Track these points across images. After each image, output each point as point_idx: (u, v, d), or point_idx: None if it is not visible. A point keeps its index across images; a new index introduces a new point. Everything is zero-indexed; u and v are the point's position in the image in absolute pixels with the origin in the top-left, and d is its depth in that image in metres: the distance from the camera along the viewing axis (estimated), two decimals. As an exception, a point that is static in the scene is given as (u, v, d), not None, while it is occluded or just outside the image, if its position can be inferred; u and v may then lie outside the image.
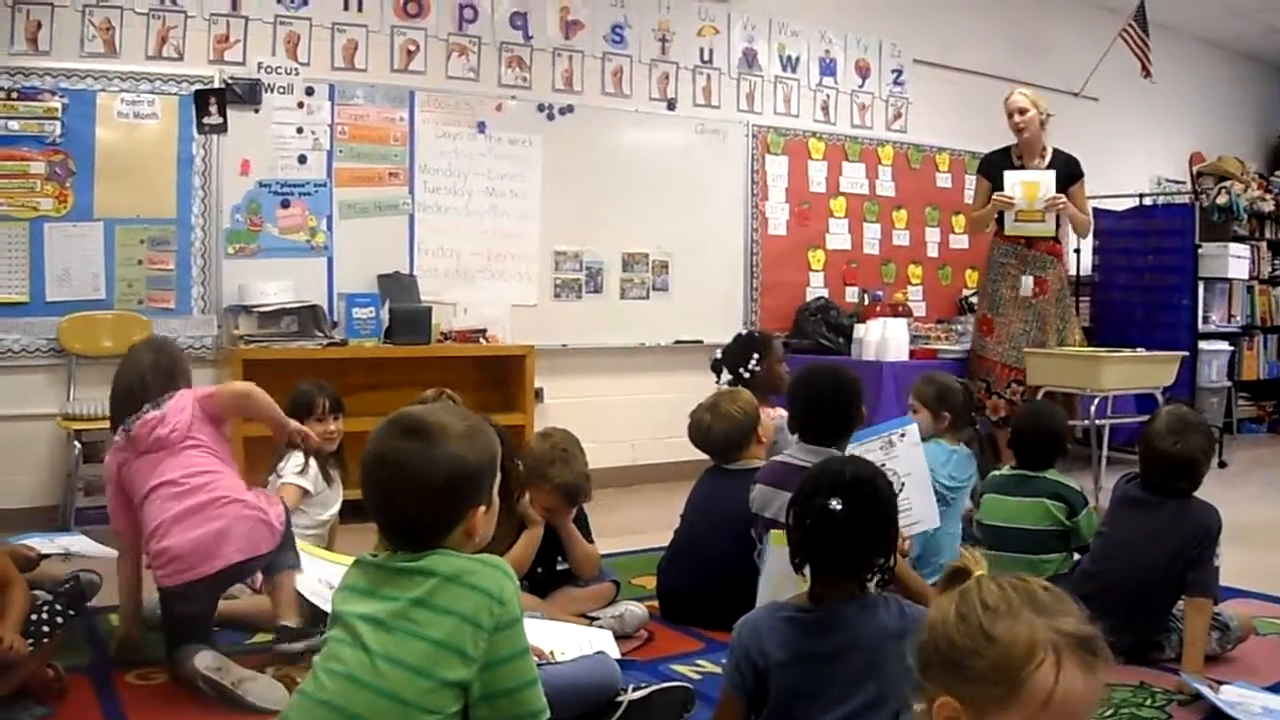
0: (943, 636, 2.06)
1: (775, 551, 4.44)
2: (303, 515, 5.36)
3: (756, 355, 7.12)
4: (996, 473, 5.77)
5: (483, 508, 2.68)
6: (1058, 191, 8.44)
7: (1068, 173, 8.56)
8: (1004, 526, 5.42)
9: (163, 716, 4.06)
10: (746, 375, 7.15)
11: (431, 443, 2.63)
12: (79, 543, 5.43)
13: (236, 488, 4.51)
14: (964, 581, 2.17)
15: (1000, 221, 8.62)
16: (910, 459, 4.93)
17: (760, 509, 4.91)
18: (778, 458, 5.12)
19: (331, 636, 2.62)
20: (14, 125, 6.98)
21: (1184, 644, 4.52)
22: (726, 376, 7.37)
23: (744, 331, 8.22)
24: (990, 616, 2.02)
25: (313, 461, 5.43)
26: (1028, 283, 8.54)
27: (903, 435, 4.97)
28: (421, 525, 2.63)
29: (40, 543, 5.10)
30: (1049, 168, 8.54)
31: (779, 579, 3.75)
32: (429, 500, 2.61)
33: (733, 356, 7.43)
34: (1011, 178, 8.48)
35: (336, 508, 5.67)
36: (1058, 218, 8.51)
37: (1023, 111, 8.50)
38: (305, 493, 5.41)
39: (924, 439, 5.46)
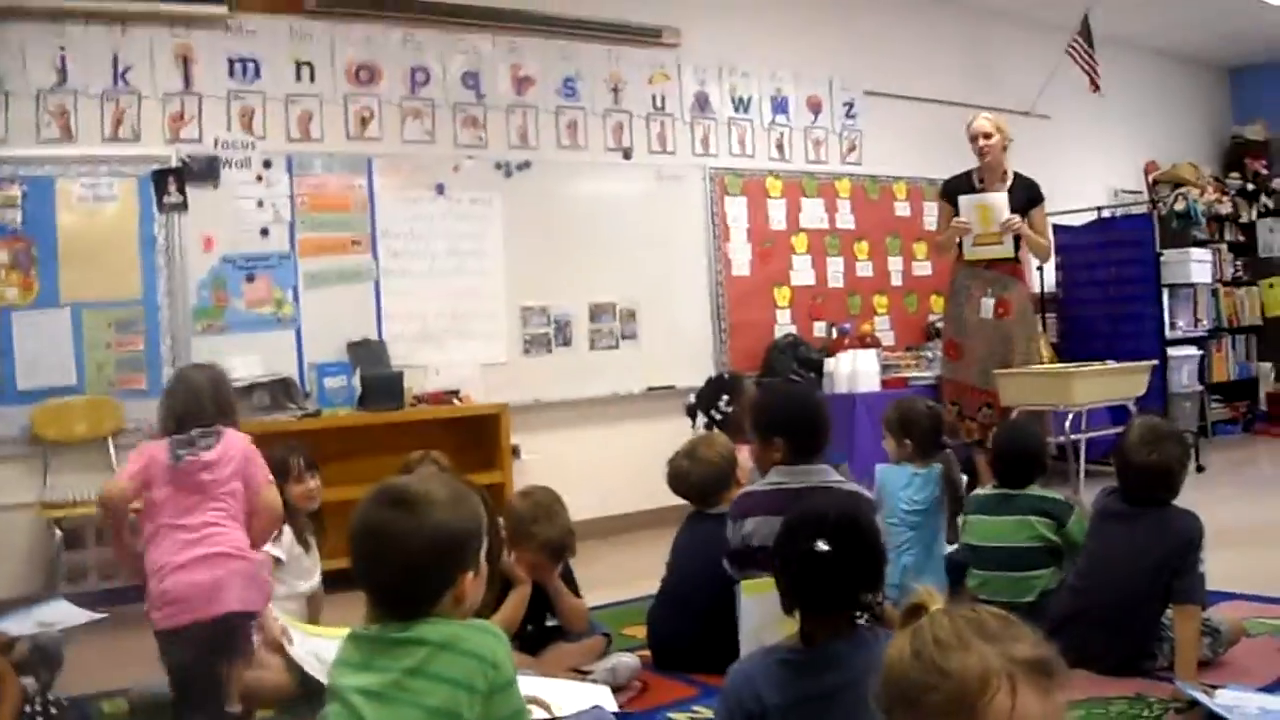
0: (900, 674, 2.08)
1: (749, 602, 4.47)
2: (279, 585, 5.34)
3: (727, 396, 7.16)
4: (979, 493, 5.79)
5: (470, 574, 2.69)
6: (1019, 215, 8.48)
7: (1028, 196, 8.59)
8: (990, 546, 5.43)
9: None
10: (718, 417, 7.19)
11: (416, 512, 2.64)
12: (57, 610, 5.38)
13: (242, 543, 4.68)
14: (920, 617, 2.19)
15: (962, 246, 8.66)
16: None
17: (757, 541, 4.89)
18: (759, 485, 5.10)
19: (329, 712, 2.63)
20: (-26, 215, 6.99)
21: (1175, 652, 4.55)
22: (702, 420, 7.40)
23: (714, 374, 8.27)
24: (942, 651, 2.04)
25: (286, 528, 5.37)
26: (988, 305, 8.56)
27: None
28: (410, 594, 2.64)
29: (15, 621, 5.04)
30: (1009, 191, 8.59)
31: (758, 628, 3.76)
32: (416, 570, 2.62)
33: (705, 399, 7.48)
34: (966, 202, 8.51)
35: (316, 579, 5.61)
36: (1016, 239, 8.54)
37: (987, 136, 8.52)
38: (278, 561, 5.33)
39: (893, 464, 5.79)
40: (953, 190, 8.71)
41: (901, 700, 2.07)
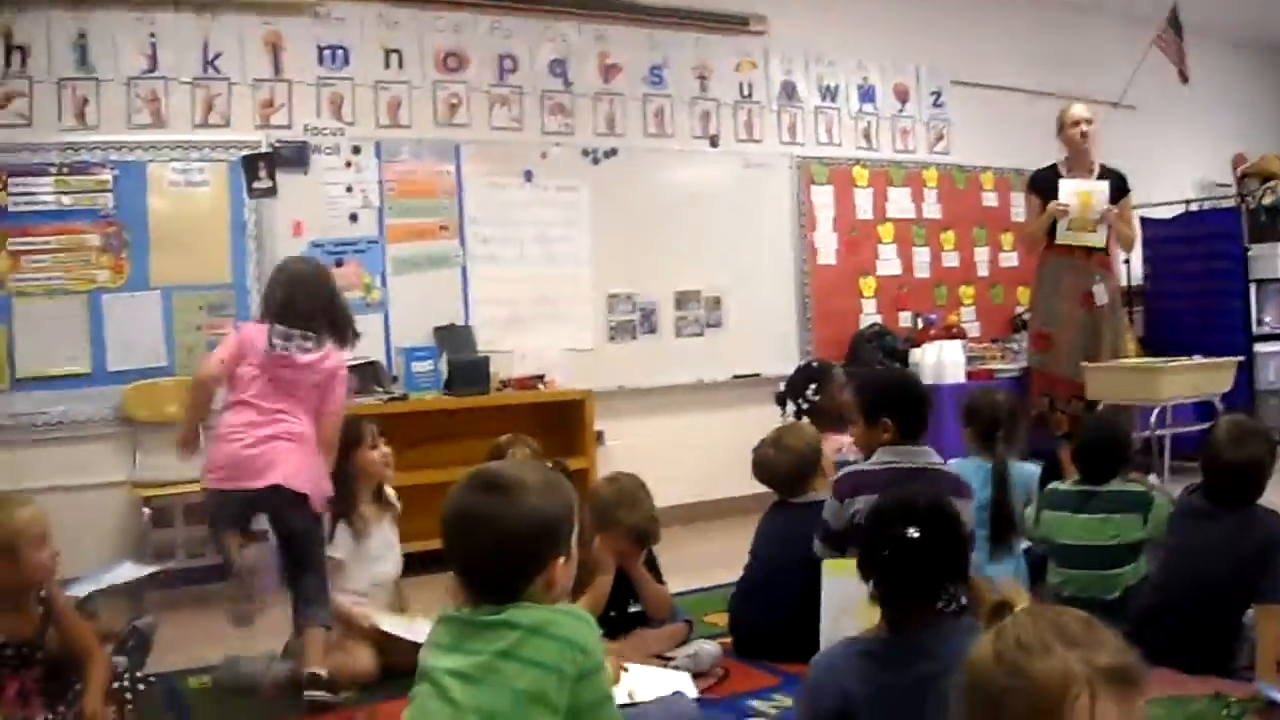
0: (981, 676, 2.08)
1: (833, 581, 4.48)
2: (354, 579, 5.41)
3: (815, 385, 7.15)
4: (1059, 487, 5.68)
5: (562, 558, 2.71)
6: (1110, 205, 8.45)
7: (1117, 186, 8.55)
8: (1072, 544, 5.38)
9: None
10: (806, 405, 7.18)
11: (511, 497, 2.67)
12: (125, 570, 5.50)
13: (306, 434, 5.17)
14: (1005, 615, 2.20)
15: (1052, 234, 8.60)
16: None
17: (861, 519, 4.88)
18: (868, 464, 5.10)
19: (419, 692, 2.66)
20: (67, 200, 7.08)
21: (1256, 652, 4.52)
22: (791, 408, 7.40)
23: (804, 362, 8.26)
24: (1025, 654, 2.04)
25: (342, 528, 5.43)
26: (1101, 291, 8.50)
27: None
28: (503, 577, 2.66)
29: (87, 585, 5.13)
30: (1099, 176, 8.55)
31: (840, 610, 3.76)
32: (510, 553, 2.65)
33: (794, 387, 7.47)
34: (1067, 186, 8.46)
35: (394, 566, 5.64)
36: (1107, 230, 8.49)
37: (1089, 121, 8.53)
38: (339, 563, 5.37)
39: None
40: (1040, 182, 8.66)
41: (983, 701, 2.08)
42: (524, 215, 8.43)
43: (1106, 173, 8.57)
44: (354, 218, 7.83)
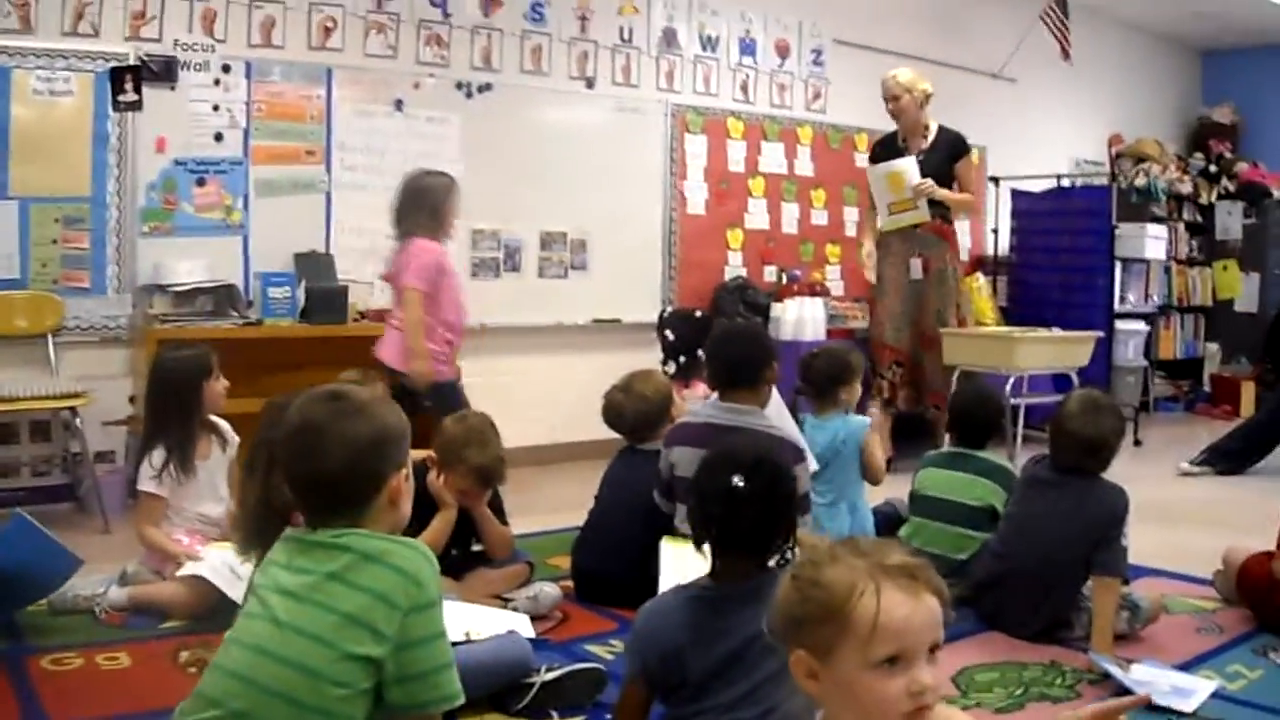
0: (783, 601, 2.22)
1: (671, 555, 4.51)
2: (177, 515, 5.31)
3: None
4: (934, 453, 5.86)
5: (405, 471, 2.74)
6: (944, 170, 8.53)
7: (950, 152, 8.66)
8: (936, 497, 5.50)
9: (78, 700, 4.05)
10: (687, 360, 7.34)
11: (354, 404, 2.71)
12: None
13: (397, 320, 6.80)
14: None
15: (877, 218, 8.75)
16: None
17: (680, 471, 4.95)
18: (693, 417, 5.16)
19: (245, 610, 2.65)
20: (-76, 104, 6.91)
21: (1092, 623, 4.59)
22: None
23: (688, 313, 8.37)
24: (814, 568, 2.18)
25: (158, 454, 5.24)
26: (917, 265, 8.62)
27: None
28: (346, 486, 2.67)
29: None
30: (932, 147, 8.64)
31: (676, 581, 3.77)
32: (354, 457, 2.66)
33: (689, 342, 7.53)
34: (873, 173, 8.60)
35: (223, 505, 5.44)
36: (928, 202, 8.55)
37: (895, 98, 8.62)
38: (159, 499, 5.24)
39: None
40: (879, 153, 8.78)
41: (786, 623, 2.23)
42: (392, 145, 8.33)
43: (943, 137, 8.65)
44: (219, 137, 7.68)
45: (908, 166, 8.50)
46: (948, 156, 8.63)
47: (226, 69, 7.71)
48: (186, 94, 7.59)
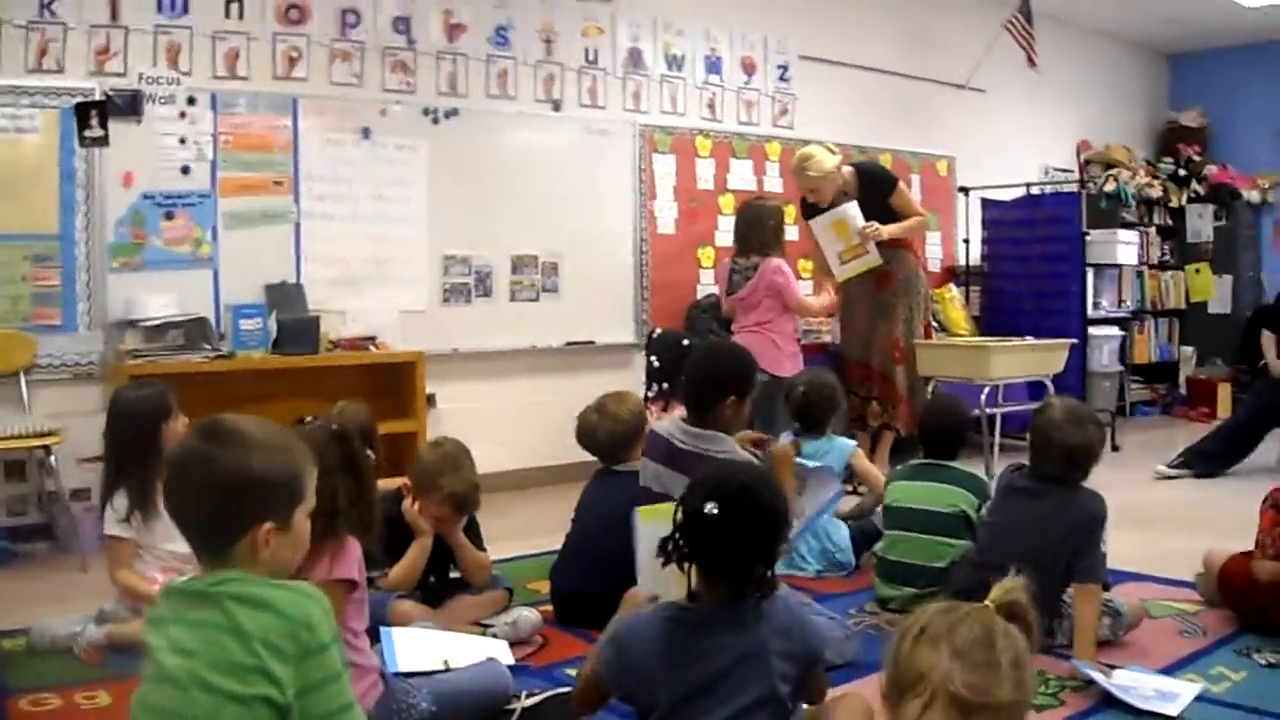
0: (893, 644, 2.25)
1: (645, 529, 4.49)
2: (149, 554, 5.25)
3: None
4: (903, 465, 5.89)
5: (268, 525, 2.62)
6: (878, 206, 8.59)
7: (879, 189, 8.70)
8: (908, 508, 5.49)
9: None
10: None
11: (221, 446, 2.62)
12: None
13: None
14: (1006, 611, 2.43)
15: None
16: None
17: (643, 481, 5.07)
18: (661, 430, 5.19)
19: (146, 673, 2.58)
20: (-110, 142, 6.87)
21: (1074, 630, 4.59)
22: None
23: (674, 338, 8.40)
24: (900, 639, 2.22)
25: (120, 498, 5.18)
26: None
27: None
28: (203, 529, 2.63)
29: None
30: (861, 195, 8.66)
31: (651, 558, 3.76)
32: (207, 506, 2.60)
33: (673, 365, 7.59)
34: (818, 225, 8.60)
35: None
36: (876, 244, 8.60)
37: (814, 190, 8.68)
38: (126, 541, 5.17)
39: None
40: (810, 209, 8.76)
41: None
42: (360, 173, 8.31)
43: (865, 181, 8.65)
44: (186, 170, 7.65)
45: (851, 212, 8.53)
46: (878, 194, 8.69)
47: (192, 101, 7.68)
48: (153, 127, 7.55)
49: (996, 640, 2.28)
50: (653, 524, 4.20)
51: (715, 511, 3.13)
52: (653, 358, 8.57)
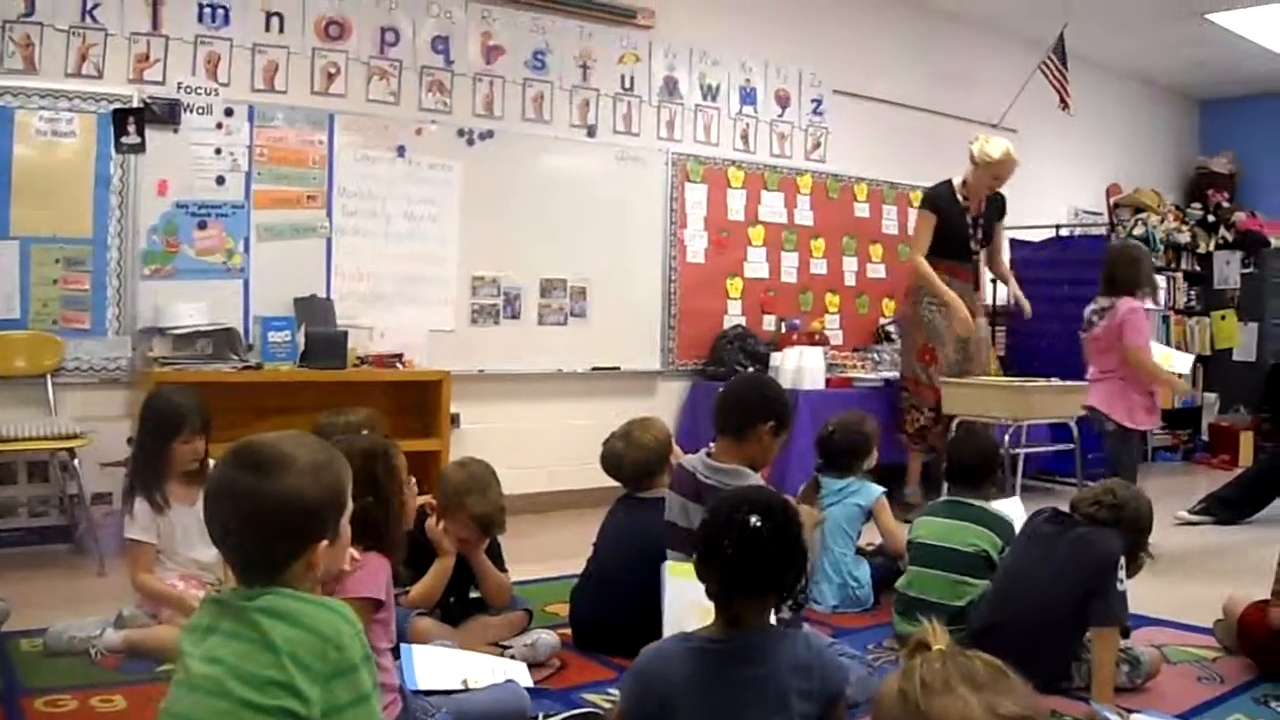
0: (887, 713, 2.13)
1: (674, 583, 4.47)
2: (170, 560, 5.30)
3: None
4: (934, 500, 5.93)
5: (324, 542, 2.64)
6: (994, 223, 9.19)
7: (1000, 210, 9.14)
8: (931, 544, 5.46)
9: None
10: None
11: (268, 477, 2.59)
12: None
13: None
14: (922, 654, 2.24)
15: (936, 251, 8.95)
16: None
17: (669, 515, 4.97)
18: (686, 463, 5.08)
19: (176, 679, 2.58)
20: (-72, 141, 6.91)
21: (1092, 673, 4.57)
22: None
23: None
24: (926, 695, 2.10)
25: (139, 505, 5.25)
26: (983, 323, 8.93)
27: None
28: (258, 559, 2.59)
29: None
30: (987, 206, 9.00)
31: (681, 610, 3.76)
32: (264, 535, 2.57)
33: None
34: (1158, 352, 8.59)
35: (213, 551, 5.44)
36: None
37: (1001, 179, 9.08)
38: (147, 546, 5.24)
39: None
40: (939, 199, 8.93)
41: None
42: (393, 191, 8.34)
43: (994, 199, 8.84)
44: (221, 180, 7.69)
45: (1178, 356, 9.04)
46: (998, 214, 9.38)
47: (229, 113, 7.73)
48: (189, 137, 7.60)
49: (975, 660, 2.26)
50: (680, 579, 4.19)
51: (760, 524, 3.12)
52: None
